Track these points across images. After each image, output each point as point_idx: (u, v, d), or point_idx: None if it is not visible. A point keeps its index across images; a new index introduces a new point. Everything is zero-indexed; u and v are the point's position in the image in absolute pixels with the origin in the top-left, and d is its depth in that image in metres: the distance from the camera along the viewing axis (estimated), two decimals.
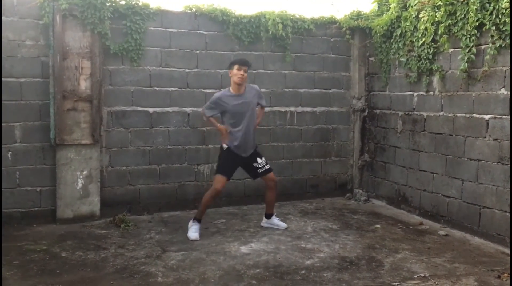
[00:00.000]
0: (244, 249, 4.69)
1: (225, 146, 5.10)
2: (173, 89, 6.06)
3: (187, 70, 6.11)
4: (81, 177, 5.56)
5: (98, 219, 5.60)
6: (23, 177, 5.42)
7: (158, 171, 6.06)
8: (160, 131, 6.03)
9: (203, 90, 6.19)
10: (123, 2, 5.67)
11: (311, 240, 4.98)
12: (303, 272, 4.11)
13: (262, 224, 5.45)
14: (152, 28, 5.88)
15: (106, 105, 5.75)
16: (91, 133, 5.56)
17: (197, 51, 6.14)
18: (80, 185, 5.56)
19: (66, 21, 5.38)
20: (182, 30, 6.05)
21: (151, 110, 5.97)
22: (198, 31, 6.12)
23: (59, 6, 5.27)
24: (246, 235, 5.14)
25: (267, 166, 5.22)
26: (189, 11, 6.09)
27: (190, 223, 5.09)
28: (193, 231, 4.99)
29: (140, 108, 5.92)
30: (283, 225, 5.38)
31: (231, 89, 5.05)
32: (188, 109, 6.14)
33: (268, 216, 5.41)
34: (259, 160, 5.17)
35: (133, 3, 5.71)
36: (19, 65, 5.33)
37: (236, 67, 4.92)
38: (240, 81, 4.93)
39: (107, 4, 5.48)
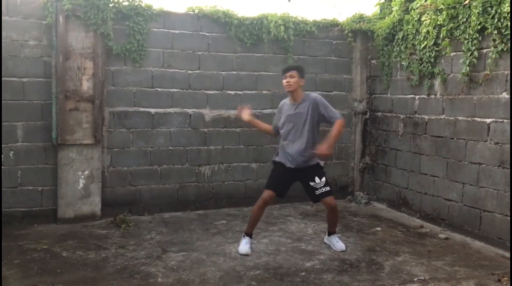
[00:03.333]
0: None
1: (274, 157, 4.75)
2: (175, 90, 6.07)
3: (189, 71, 6.12)
4: (82, 177, 5.57)
5: (99, 219, 5.61)
6: (25, 176, 5.44)
7: (159, 171, 6.07)
8: (162, 132, 6.05)
9: (205, 92, 6.21)
10: (126, 3, 5.69)
11: (311, 242, 4.98)
12: (303, 274, 4.11)
13: (324, 240, 4.98)
14: (154, 29, 5.90)
15: (108, 106, 5.76)
16: (93, 133, 5.58)
17: (199, 53, 6.15)
18: (81, 185, 5.58)
19: (69, 21, 5.40)
20: (185, 32, 6.07)
21: (153, 111, 5.99)
22: (200, 33, 6.14)
23: (62, 7, 5.29)
24: None
25: (326, 188, 4.55)
26: (192, 13, 6.11)
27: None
28: (243, 244, 4.67)
29: (142, 109, 5.94)
30: (339, 247, 4.73)
31: (289, 97, 4.67)
32: (189, 110, 6.15)
33: (329, 233, 4.89)
34: (317, 179, 4.54)
35: (136, 4, 5.73)
36: (22, 65, 5.35)
37: (283, 77, 4.58)
38: (287, 89, 4.54)
39: (110, 5, 5.50)
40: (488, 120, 4.97)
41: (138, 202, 5.98)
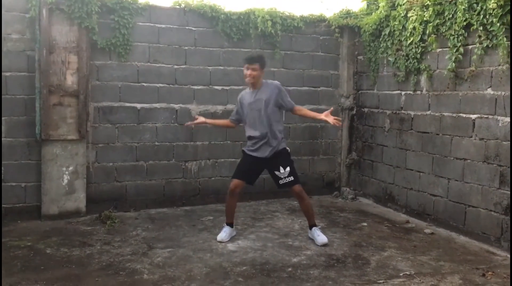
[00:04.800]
0: (231, 246, 4.68)
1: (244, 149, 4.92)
2: (161, 85, 6.02)
3: (175, 66, 6.07)
4: (67, 173, 5.50)
5: (84, 215, 5.55)
6: (8, 172, 5.35)
7: (145, 167, 6.02)
8: (148, 128, 5.99)
9: (192, 87, 6.16)
10: None
11: (298, 238, 4.99)
12: (289, 269, 4.11)
13: (308, 235, 4.98)
14: (140, 23, 5.84)
15: (93, 101, 5.69)
16: (77, 128, 5.51)
17: (186, 47, 6.10)
18: (65, 181, 5.51)
19: (53, 14, 5.31)
20: (171, 26, 6.01)
21: (138, 106, 5.93)
22: (187, 27, 6.09)
23: (46, 0, 5.20)
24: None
25: (290, 178, 4.70)
26: (178, 7, 6.05)
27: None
28: (221, 232, 4.87)
29: (127, 104, 5.88)
30: (320, 240, 4.73)
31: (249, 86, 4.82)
32: (176, 106, 6.11)
33: (310, 227, 4.91)
34: (281, 169, 4.68)
35: None
36: (5, 58, 5.25)
37: (244, 66, 4.70)
38: (249, 82, 4.69)
39: None
40: (473, 116, 5.01)
41: (123, 198, 5.92)
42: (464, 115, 5.13)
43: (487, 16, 4.68)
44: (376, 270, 4.13)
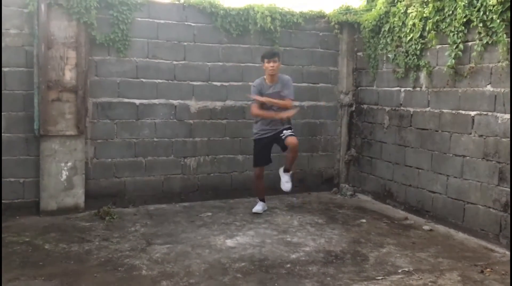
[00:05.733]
0: (229, 242, 4.68)
1: (254, 135, 5.71)
2: (160, 81, 6.00)
3: (174, 62, 6.05)
4: (65, 168, 5.49)
5: (83, 211, 5.55)
6: (6, 168, 5.33)
7: (144, 163, 6.02)
8: (147, 123, 5.98)
9: (191, 83, 6.15)
10: None
11: (297, 234, 4.99)
12: (288, 265, 4.11)
13: (279, 171, 5.83)
14: (139, 19, 5.82)
15: (91, 96, 5.68)
16: (76, 124, 5.49)
17: (185, 43, 6.08)
18: (64, 176, 5.50)
19: (51, 10, 5.29)
20: (170, 22, 5.99)
21: (137, 101, 5.92)
22: (186, 23, 6.07)
23: None
24: (232, 228, 5.13)
25: (291, 132, 5.51)
26: (177, 2, 6.03)
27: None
28: (257, 206, 5.81)
29: (126, 100, 5.86)
30: (286, 187, 5.73)
31: (265, 78, 5.55)
32: (175, 102, 6.09)
33: (285, 170, 5.74)
34: (285, 131, 5.48)
35: None
36: (3, 54, 5.23)
37: (266, 60, 5.44)
38: (271, 73, 5.44)
39: None
40: (473, 113, 5.00)
41: (122, 194, 5.92)
42: (463, 112, 5.12)
43: (487, 13, 4.66)
44: (375, 266, 4.14)
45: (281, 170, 5.79)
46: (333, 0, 7.54)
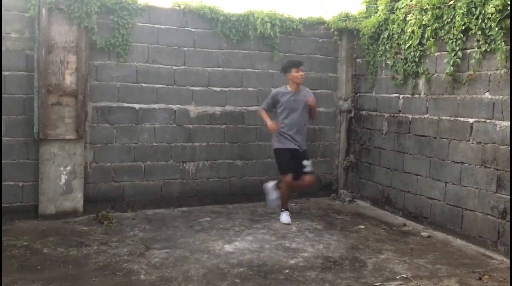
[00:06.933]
0: (228, 247, 4.68)
1: (275, 144, 5.67)
2: (159, 85, 6.02)
3: (174, 67, 6.07)
4: (64, 172, 5.50)
5: (81, 215, 5.55)
6: (6, 171, 5.33)
7: (143, 168, 6.02)
8: (146, 128, 5.99)
9: (190, 88, 6.17)
10: None
11: (295, 240, 4.99)
12: (286, 271, 4.11)
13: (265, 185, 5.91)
14: (139, 24, 5.84)
15: (91, 101, 5.69)
16: (75, 128, 5.50)
17: (185, 48, 6.11)
18: (63, 180, 5.50)
19: (52, 14, 5.31)
20: (170, 27, 6.02)
21: (137, 106, 5.93)
22: (186, 28, 6.10)
23: None
24: (230, 233, 5.13)
25: (312, 168, 5.73)
26: (178, 8, 6.06)
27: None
28: (284, 216, 5.67)
29: (126, 104, 5.88)
30: (271, 198, 5.77)
31: (288, 87, 5.64)
32: (174, 107, 6.11)
33: (276, 187, 5.77)
34: (308, 161, 5.66)
35: None
36: (3, 58, 5.25)
37: (294, 69, 5.54)
38: (300, 81, 5.58)
39: None
40: (471, 120, 5.03)
41: (121, 198, 5.92)
42: (461, 119, 5.15)
43: (486, 21, 4.69)
44: (373, 272, 4.14)
45: (270, 185, 5.80)
46: (332, 7, 7.59)
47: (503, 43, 4.54)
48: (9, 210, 5.35)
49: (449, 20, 5.15)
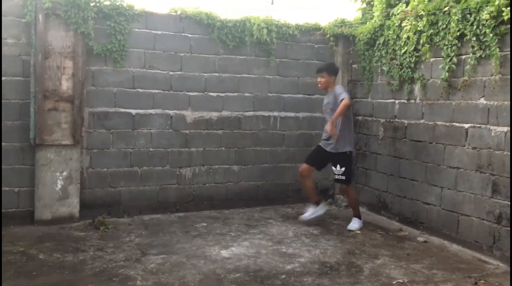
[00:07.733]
0: (224, 253, 4.68)
1: (347, 147, 5.70)
2: (156, 91, 6.03)
3: (171, 73, 6.09)
4: (60, 178, 5.49)
5: (77, 221, 5.53)
6: (2, 177, 5.32)
7: (139, 173, 6.02)
8: (143, 133, 5.99)
9: (187, 93, 6.18)
10: (107, 3, 5.63)
11: (292, 245, 4.99)
12: (283, 276, 4.11)
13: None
14: (136, 30, 5.85)
15: (88, 106, 5.69)
16: (72, 133, 5.50)
17: (182, 54, 6.12)
18: (59, 186, 5.49)
19: (49, 20, 5.32)
20: (167, 32, 6.03)
21: (133, 112, 5.93)
22: (183, 34, 6.11)
23: (42, 5, 5.20)
24: (227, 239, 5.13)
25: (342, 177, 5.61)
26: (174, 14, 6.08)
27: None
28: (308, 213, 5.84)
29: (122, 110, 5.88)
30: (349, 226, 5.72)
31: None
32: (171, 112, 6.11)
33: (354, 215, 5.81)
34: (338, 167, 5.61)
35: (117, 4, 5.67)
36: None
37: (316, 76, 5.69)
38: (320, 87, 5.72)
39: (91, 4, 5.44)
40: (466, 125, 5.05)
41: (117, 204, 5.91)
42: (457, 124, 5.17)
43: (480, 27, 4.73)
44: (370, 278, 4.15)
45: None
46: (328, 13, 7.62)
47: (497, 49, 4.57)
48: (5, 216, 5.32)
49: (444, 26, 5.19)
